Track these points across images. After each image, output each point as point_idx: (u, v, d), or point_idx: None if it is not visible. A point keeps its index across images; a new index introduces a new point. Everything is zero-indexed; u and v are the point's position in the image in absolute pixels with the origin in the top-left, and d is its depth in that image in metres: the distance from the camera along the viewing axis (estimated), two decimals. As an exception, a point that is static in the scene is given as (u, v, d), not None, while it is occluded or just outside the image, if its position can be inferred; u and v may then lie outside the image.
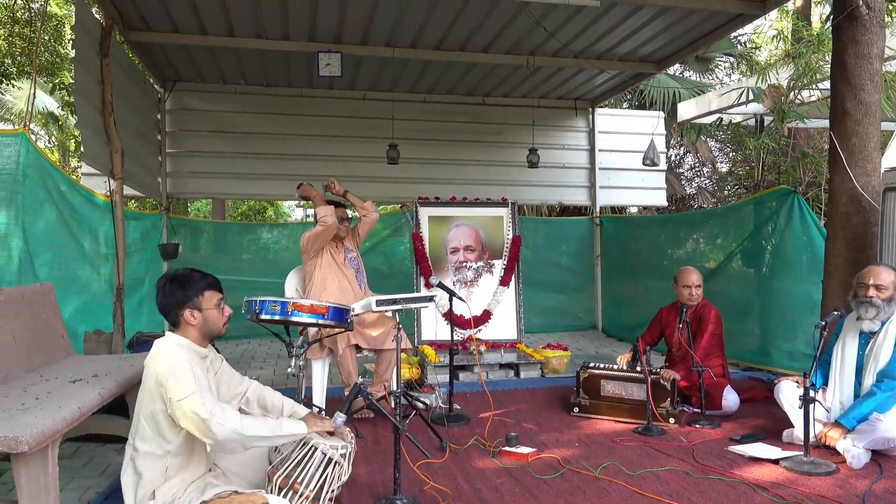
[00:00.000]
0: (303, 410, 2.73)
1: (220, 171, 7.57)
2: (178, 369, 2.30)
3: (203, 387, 2.33)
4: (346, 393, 4.17)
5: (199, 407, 2.25)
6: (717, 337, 4.43)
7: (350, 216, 4.80)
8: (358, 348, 4.26)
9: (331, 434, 2.57)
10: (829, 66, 4.71)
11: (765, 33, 13.70)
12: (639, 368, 4.17)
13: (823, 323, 3.35)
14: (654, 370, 4.24)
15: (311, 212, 25.84)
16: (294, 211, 26.89)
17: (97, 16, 5.37)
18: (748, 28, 13.88)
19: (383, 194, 8.00)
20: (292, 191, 7.98)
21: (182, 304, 2.47)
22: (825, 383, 3.66)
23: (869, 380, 3.46)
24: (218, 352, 2.72)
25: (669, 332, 4.62)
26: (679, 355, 4.50)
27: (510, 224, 6.46)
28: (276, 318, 3.15)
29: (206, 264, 7.83)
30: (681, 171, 14.27)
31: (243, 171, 7.61)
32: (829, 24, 5.64)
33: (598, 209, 8.49)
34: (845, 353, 3.57)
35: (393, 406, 3.79)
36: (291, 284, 4.69)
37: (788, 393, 3.67)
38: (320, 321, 3.23)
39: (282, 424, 2.44)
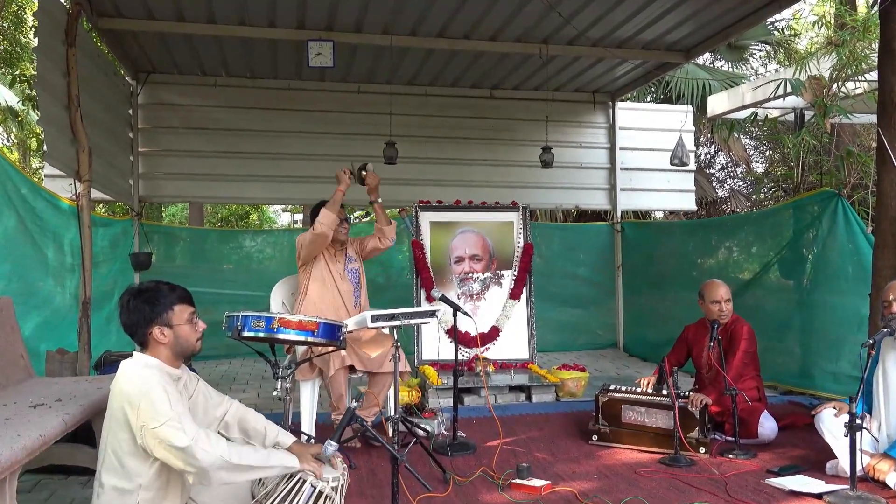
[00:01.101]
0: (288, 438, 2.73)
1: (199, 172, 7.60)
2: (151, 392, 2.30)
3: (182, 410, 2.33)
4: (334, 419, 4.16)
5: (177, 434, 2.24)
6: (750, 356, 4.41)
7: (351, 218, 4.79)
8: (352, 369, 4.25)
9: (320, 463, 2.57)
10: (875, 54, 4.73)
11: (805, 19, 13.73)
12: (665, 392, 4.17)
13: (871, 341, 3.34)
14: (681, 394, 4.23)
15: (300, 217, 25.91)
16: (280, 216, 26.95)
17: (62, 0, 5.41)
18: (786, 13, 13.91)
19: (380, 197, 8.02)
20: (278, 193, 8.13)
21: (150, 321, 2.47)
22: (868, 410, 3.65)
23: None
24: (194, 371, 2.72)
25: (698, 352, 4.61)
26: (709, 377, 4.49)
27: (521, 230, 6.46)
28: (261, 335, 3.15)
29: (182, 275, 7.91)
30: (711, 171, 14.28)
31: (224, 173, 7.65)
32: (875, 7, 5.66)
33: (619, 214, 8.50)
34: (888, 379, 3.56)
35: (390, 433, 3.79)
36: (278, 298, 4.69)
37: (830, 422, 3.66)
38: (309, 339, 3.23)
39: (271, 455, 2.43)
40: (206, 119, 7.62)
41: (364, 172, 4.65)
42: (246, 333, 3.13)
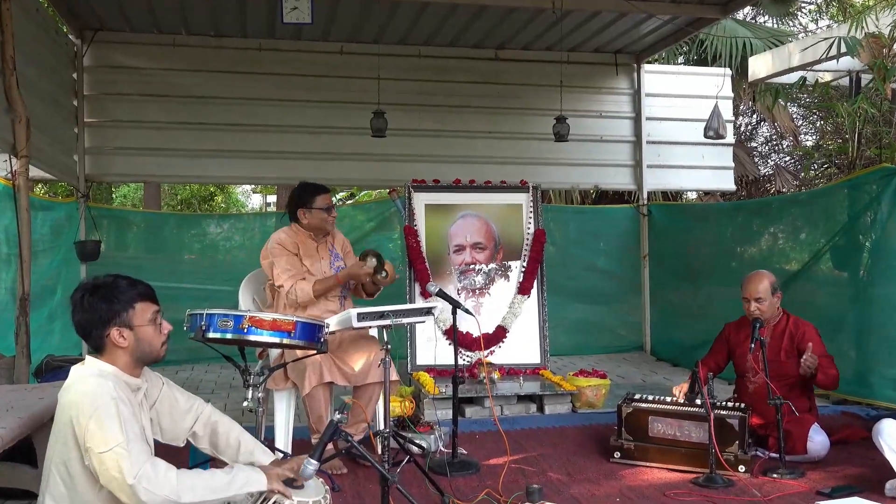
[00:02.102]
0: (265, 457, 2.73)
1: (155, 146, 7.57)
2: (102, 410, 2.29)
3: (133, 436, 2.32)
4: (314, 438, 4.16)
5: (124, 466, 2.24)
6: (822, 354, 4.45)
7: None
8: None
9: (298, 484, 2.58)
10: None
11: (862, -34, 13.68)
12: (699, 401, 4.17)
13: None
14: (718, 403, 4.24)
15: (272, 199, 25.84)
16: (250, 198, 26.95)
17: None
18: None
19: (366, 176, 8.00)
20: (247, 171, 8.11)
21: (107, 321, 2.46)
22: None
23: None
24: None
25: (740, 355, 4.62)
26: (756, 381, 4.50)
27: (531, 214, 6.46)
28: (228, 336, 3.14)
29: (135, 267, 7.89)
30: (753, 145, 14.27)
31: (184, 147, 7.62)
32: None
33: (645, 195, 8.49)
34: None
35: (380, 450, 3.80)
36: (248, 293, 4.68)
37: (891, 435, 3.66)
38: (285, 340, 3.23)
39: (234, 479, 2.43)
40: (164, 84, 7.58)
41: (384, 273, 4.39)
42: (211, 334, 3.12)
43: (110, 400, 2.31)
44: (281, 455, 3.73)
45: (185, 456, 3.52)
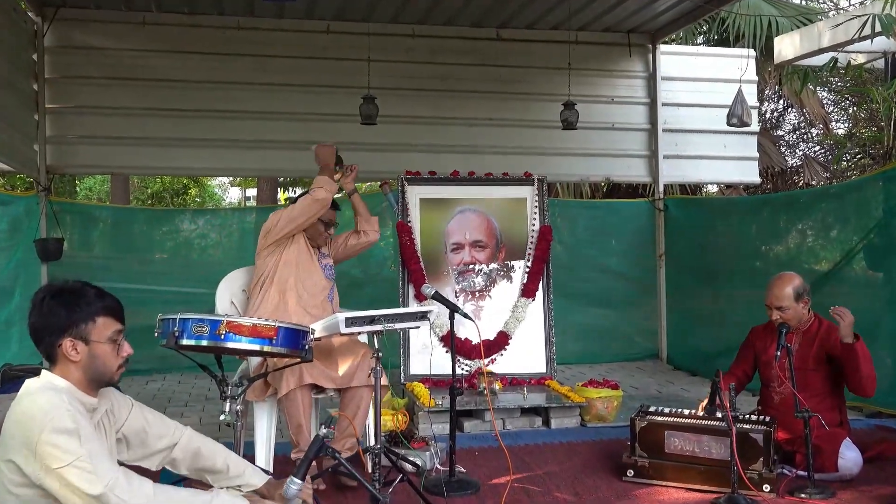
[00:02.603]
0: (257, 477, 2.74)
1: (123, 134, 7.57)
2: (57, 422, 2.27)
3: (97, 449, 2.32)
4: (295, 458, 4.16)
5: (87, 478, 2.23)
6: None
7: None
8: (317, 388, 4.25)
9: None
10: None
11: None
12: (719, 414, 4.18)
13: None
14: (740, 415, 4.24)
15: (252, 193, 25.73)
16: (228, 192, 26.91)
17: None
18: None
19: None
20: (224, 162, 8.10)
21: (62, 329, 2.45)
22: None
23: None
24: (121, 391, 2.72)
25: (765, 362, 4.63)
26: (782, 392, 4.52)
27: (536, 210, 6.47)
28: (204, 343, 3.15)
29: (101, 268, 7.90)
30: (780, 133, 14.30)
31: (155, 136, 7.61)
32: None
33: (661, 188, 8.51)
34: None
35: (370, 468, 3.80)
36: (225, 296, 4.69)
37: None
38: (266, 348, 3.23)
39: (214, 499, 2.44)
40: (133, 67, 7.57)
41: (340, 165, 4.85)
42: (185, 341, 3.13)
43: (65, 412, 2.30)
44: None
45: (156, 476, 3.52)
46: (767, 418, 4.31)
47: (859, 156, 13.08)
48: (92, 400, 2.50)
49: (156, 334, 3.18)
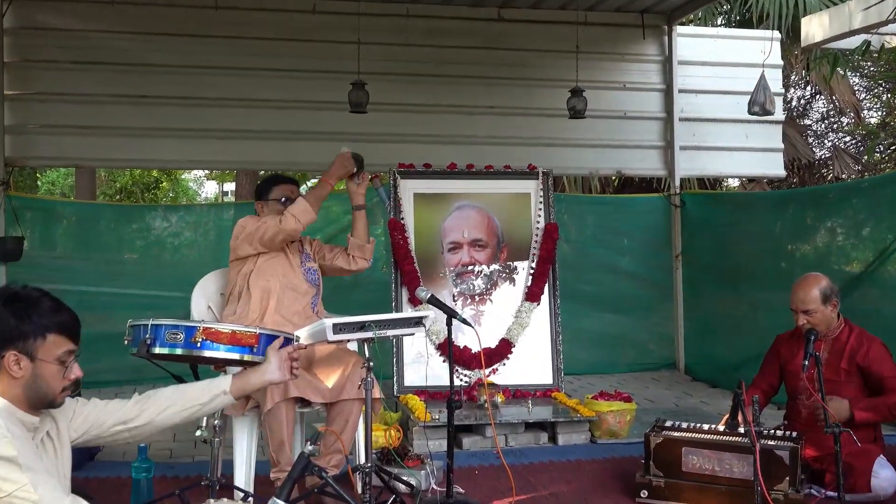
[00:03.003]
0: (224, 380, 2.79)
1: (89, 124, 7.54)
2: None
3: (41, 474, 2.30)
4: (274, 478, 4.15)
5: None
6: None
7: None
8: (302, 401, 4.24)
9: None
10: None
11: None
12: (742, 429, 4.18)
13: None
14: (765, 431, 4.24)
15: (230, 188, 25.67)
16: (203, 186, 26.91)
17: None
18: None
19: (344, 160, 7.99)
20: (200, 154, 8.08)
21: (7, 340, 2.43)
22: None
23: None
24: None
25: (792, 372, 4.63)
26: (809, 406, 4.52)
27: (541, 206, 6.46)
28: (178, 352, 3.14)
29: (65, 269, 7.87)
30: (807, 122, 14.32)
31: (124, 125, 7.58)
32: None
33: (677, 182, 8.51)
34: None
35: (360, 489, 3.79)
36: (202, 300, 4.68)
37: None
38: (247, 357, 3.23)
39: None
40: (100, 50, 7.55)
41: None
42: (158, 350, 3.12)
43: (2, 439, 2.28)
44: (242, 495, 3.76)
45: (126, 497, 3.52)
46: (794, 434, 4.31)
47: (894, 147, 13.10)
48: (33, 419, 2.48)
49: (125, 342, 3.17)
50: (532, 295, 6.28)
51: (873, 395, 4.51)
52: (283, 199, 4.56)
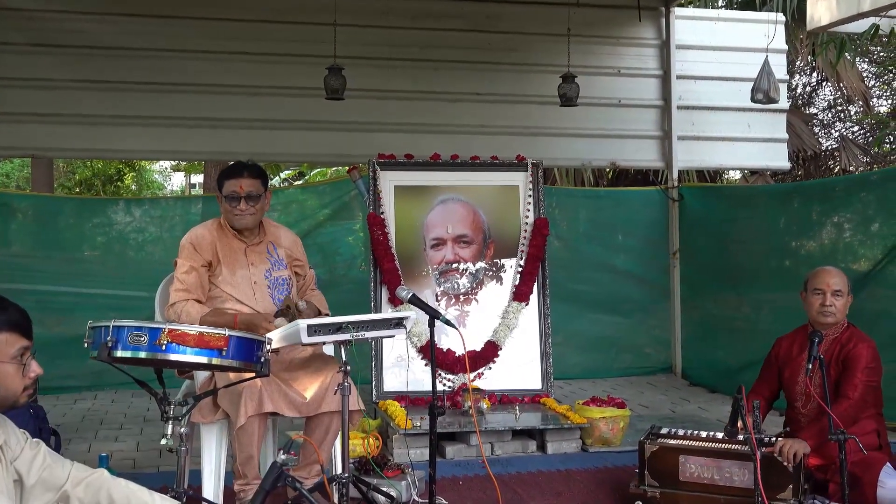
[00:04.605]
0: None
1: (46, 111, 7.50)
2: None
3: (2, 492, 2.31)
4: (239, 490, 4.15)
5: None
6: (872, 386, 4.47)
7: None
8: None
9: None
10: None
11: None
12: (741, 436, 4.20)
13: None
14: (766, 438, 4.27)
15: (197, 180, 25.49)
16: (170, 178, 26.81)
17: None
18: None
19: (320, 150, 7.97)
20: (166, 144, 8.06)
21: None
22: None
23: None
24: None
25: (791, 376, 4.65)
26: (808, 414, 4.55)
27: (531, 199, 6.48)
28: (142, 355, 3.13)
29: (21, 267, 7.80)
30: (813, 111, 14.39)
31: (84, 112, 7.55)
32: None
33: (675, 175, 8.54)
34: None
35: (337, 501, 3.80)
36: (167, 300, 4.67)
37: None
38: (215, 360, 3.23)
39: None
40: (60, 32, 7.51)
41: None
42: (120, 353, 3.12)
43: None
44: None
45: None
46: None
47: (904, 137, 13.18)
48: None
49: (85, 345, 3.17)
50: (520, 294, 6.29)
51: (877, 398, 4.54)
52: (230, 196, 4.35)
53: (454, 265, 6.34)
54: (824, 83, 14.07)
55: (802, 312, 4.63)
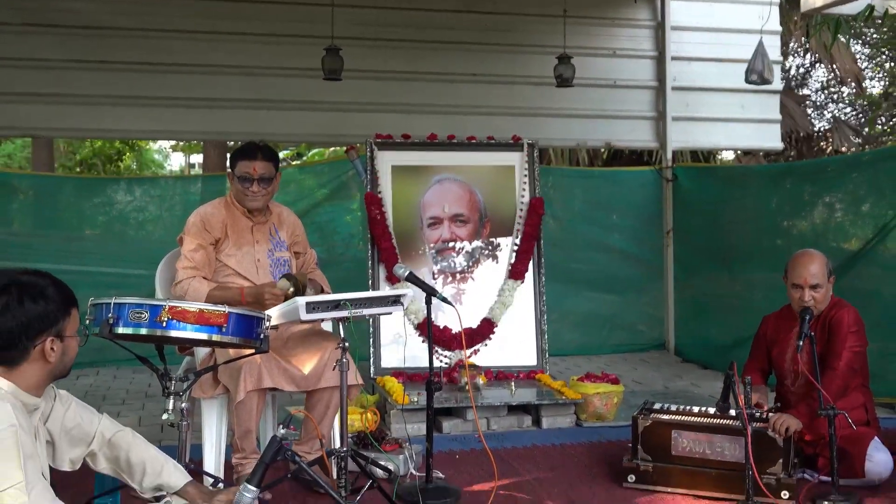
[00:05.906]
0: (179, 478, 2.76)
1: (45, 91, 7.48)
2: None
3: (34, 474, 2.34)
4: (237, 463, 4.17)
5: None
6: (856, 352, 4.48)
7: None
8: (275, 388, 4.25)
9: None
10: None
11: None
12: (733, 412, 4.23)
13: None
14: (757, 413, 4.29)
15: (197, 159, 25.48)
16: (169, 158, 26.75)
17: None
18: None
19: (317, 130, 7.95)
20: (165, 124, 8.04)
21: (42, 328, 2.48)
22: None
23: None
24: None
25: (780, 354, 4.67)
26: (798, 390, 4.57)
27: (526, 179, 6.48)
28: (143, 332, 3.15)
29: (22, 246, 7.84)
30: (806, 92, 14.37)
31: (84, 93, 7.53)
32: None
33: (669, 155, 8.54)
34: None
35: (336, 474, 3.82)
36: (167, 278, 4.68)
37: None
38: (215, 337, 3.24)
39: None
40: (56, 12, 7.47)
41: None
42: (121, 330, 3.13)
43: (8, 428, 2.32)
44: (211, 481, 3.78)
45: (90, 485, 3.54)
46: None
47: (896, 118, 13.18)
48: (36, 400, 2.55)
49: (87, 321, 3.18)
50: (516, 273, 6.30)
51: (865, 374, 4.56)
52: (242, 177, 4.36)
53: (450, 244, 6.35)
54: (818, 65, 14.06)
55: (793, 291, 4.64)
